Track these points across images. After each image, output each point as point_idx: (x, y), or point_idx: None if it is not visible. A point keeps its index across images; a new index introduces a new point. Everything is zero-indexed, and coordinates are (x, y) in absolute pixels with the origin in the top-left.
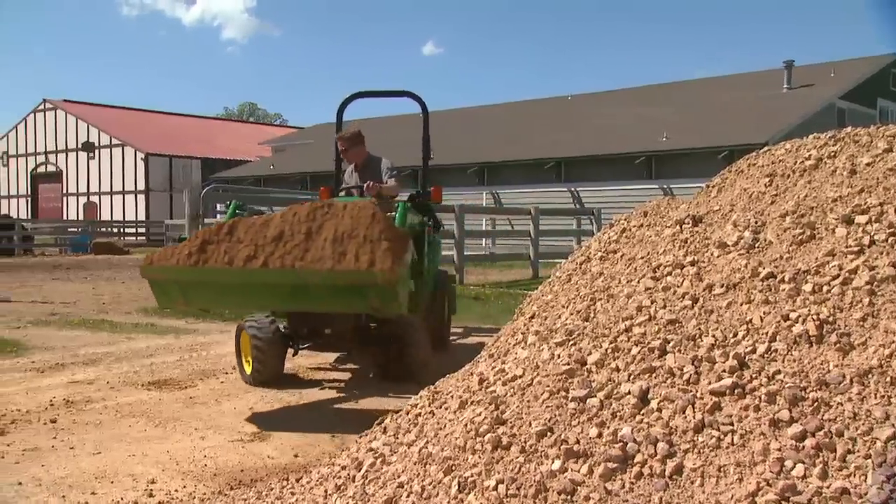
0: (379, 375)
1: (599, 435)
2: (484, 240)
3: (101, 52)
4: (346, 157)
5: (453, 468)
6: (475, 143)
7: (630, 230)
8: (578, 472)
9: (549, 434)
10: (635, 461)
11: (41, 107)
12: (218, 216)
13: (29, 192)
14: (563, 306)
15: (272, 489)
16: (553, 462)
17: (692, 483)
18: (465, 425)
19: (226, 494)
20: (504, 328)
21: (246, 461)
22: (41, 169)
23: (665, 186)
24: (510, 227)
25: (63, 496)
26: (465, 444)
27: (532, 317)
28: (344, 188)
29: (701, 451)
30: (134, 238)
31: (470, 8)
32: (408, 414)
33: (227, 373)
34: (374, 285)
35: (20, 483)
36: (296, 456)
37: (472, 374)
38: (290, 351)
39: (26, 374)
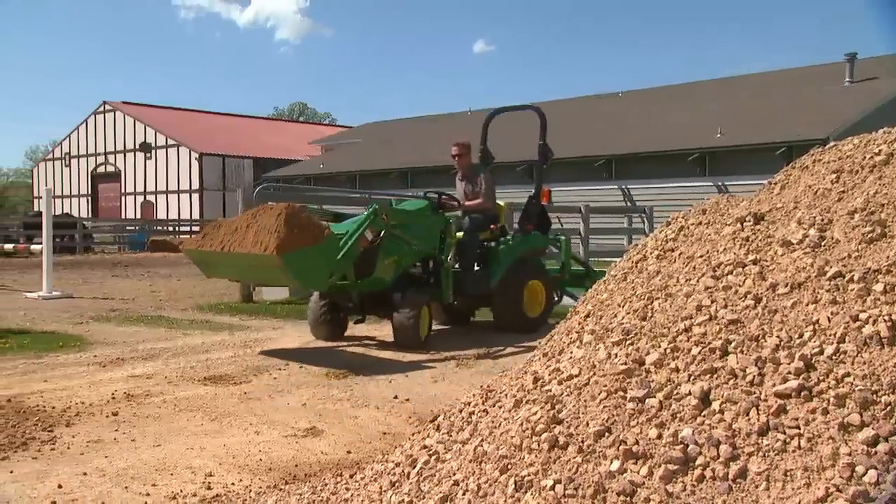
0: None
1: (659, 436)
2: None
3: (160, 55)
4: (457, 163)
5: (509, 467)
6: (524, 141)
7: (688, 228)
8: (638, 473)
9: (607, 434)
10: (697, 464)
11: (101, 109)
12: None
13: (89, 192)
14: (619, 305)
15: (326, 485)
16: (611, 463)
17: (757, 487)
18: (521, 424)
19: (281, 489)
20: (557, 327)
21: (300, 456)
22: (101, 169)
23: (720, 184)
24: (560, 225)
25: (126, 487)
26: (521, 443)
27: (587, 315)
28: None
29: (766, 454)
30: (189, 236)
31: (520, 6)
32: (461, 412)
33: (279, 369)
34: (272, 263)
35: (85, 473)
36: (348, 452)
37: (525, 372)
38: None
39: (89, 368)
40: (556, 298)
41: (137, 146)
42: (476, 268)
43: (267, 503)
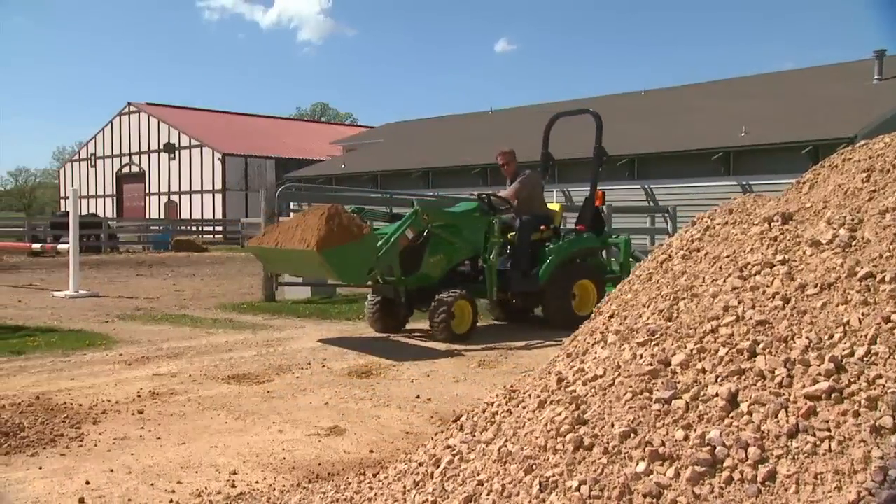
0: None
1: (686, 438)
2: None
3: (184, 56)
4: (504, 171)
5: (534, 467)
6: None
7: (714, 228)
8: (664, 475)
9: (632, 435)
10: (724, 466)
11: (126, 110)
12: (291, 214)
13: (114, 192)
14: (644, 305)
15: (350, 483)
16: (637, 464)
17: (786, 490)
18: (546, 425)
19: (304, 487)
20: (581, 327)
21: (322, 455)
22: (125, 169)
23: (744, 183)
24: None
25: (151, 484)
26: (546, 444)
27: (611, 316)
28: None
29: (795, 457)
30: (212, 236)
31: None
32: (484, 412)
33: (302, 368)
34: (314, 258)
35: (112, 470)
36: (371, 451)
37: (549, 372)
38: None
39: (115, 366)
40: None
41: (161, 147)
42: (526, 267)
43: (291, 502)
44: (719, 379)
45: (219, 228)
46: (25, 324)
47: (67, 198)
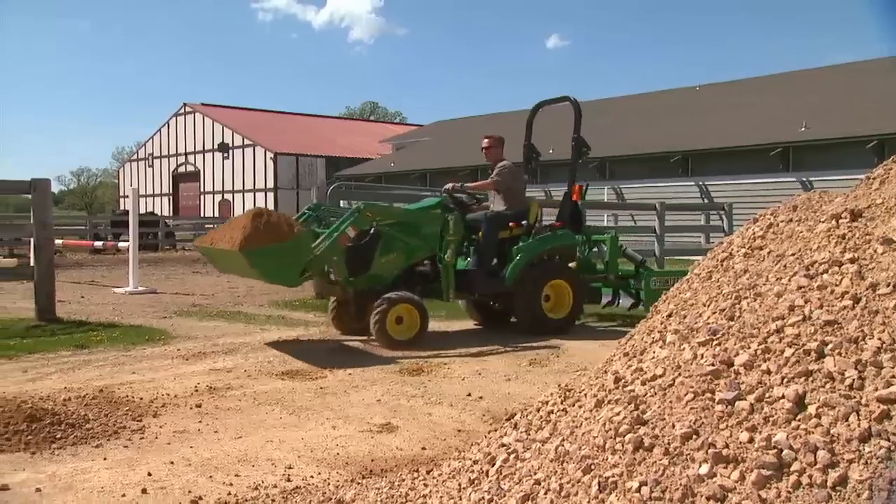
0: None
1: (751, 440)
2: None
3: (238, 56)
4: (486, 156)
5: (592, 467)
6: (596, 137)
7: (777, 225)
8: (729, 477)
9: (694, 437)
10: (792, 469)
11: (181, 111)
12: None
13: (171, 191)
14: (704, 304)
15: (403, 480)
16: (700, 466)
17: (859, 496)
18: (604, 424)
19: (359, 483)
20: (638, 326)
21: (375, 451)
22: (181, 169)
23: (804, 179)
24: (633, 223)
25: (210, 477)
26: (605, 444)
27: (669, 315)
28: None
29: (868, 461)
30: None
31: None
32: (538, 411)
33: (354, 365)
34: (239, 257)
35: (172, 463)
36: (423, 449)
37: (605, 372)
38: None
39: (173, 361)
40: (617, 300)
41: (215, 146)
42: (492, 267)
43: (345, 497)
44: (785, 380)
45: None
46: (88, 319)
47: (127, 197)
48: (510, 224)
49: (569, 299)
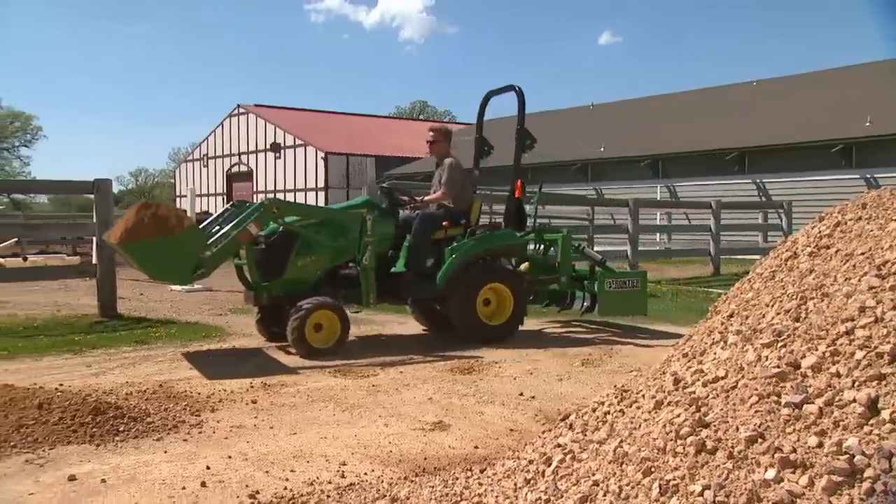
0: None
1: (820, 445)
2: (658, 235)
3: (291, 57)
4: (430, 150)
5: (652, 470)
6: (649, 135)
7: (845, 224)
8: (797, 483)
9: (759, 441)
10: (865, 476)
11: (235, 111)
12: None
13: (224, 190)
14: (768, 305)
15: (457, 479)
16: (766, 471)
17: None
18: (664, 426)
19: (412, 481)
20: (697, 326)
21: (428, 449)
22: (235, 169)
23: (868, 176)
24: (687, 222)
25: (266, 472)
26: (665, 446)
27: (730, 315)
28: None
29: None
30: None
31: None
32: (594, 411)
33: (405, 363)
34: (123, 252)
35: (230, 457)
36: (476, 447)
37: (664, 373)
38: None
39: (229, 357)
40: (574, 301)
41: (268, 146)
42: (422, 270)
43: (400, 494)
44: (856, 384)
45: None
46: (147, 315)
47: (184, 196)
48: (444, 223)
49: (510, 303)
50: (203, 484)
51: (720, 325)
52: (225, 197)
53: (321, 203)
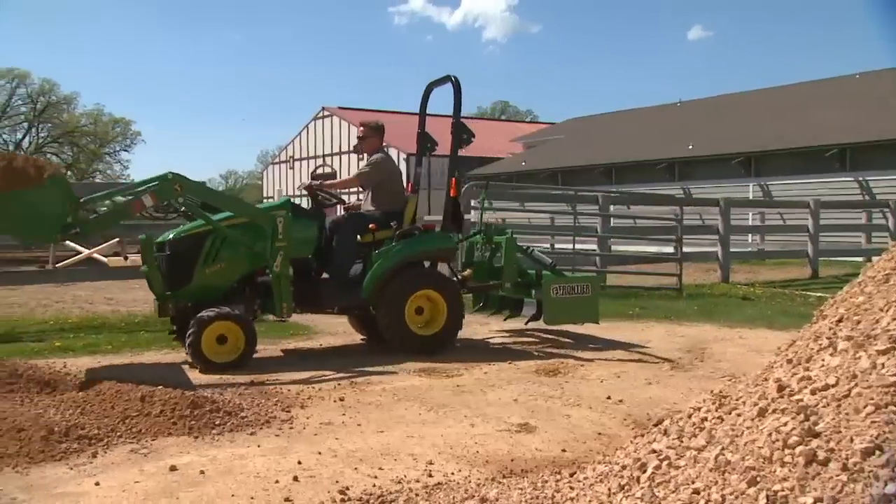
0: None
1: None
2: (750, 235)
3: (375, 59)
4: (362, 147)
5: (758, 479)
6: (741, 132)
7: None
8: None
9: (877, 453)
10: None
11: (320, 114)
12: (472, 211)
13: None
14: (882, 310)
15: (546, 481)
16: (886, 485)
17: None
18: (770, 435)
19: (500, 482)
20: (801, 332)
21: (515, 451)
22: (319, 170)
23: None
24: (782, 222)
25: (355, 468)
26: (772, 456)
27: (839, 320)
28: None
29: None
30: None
31: None
32: (690, 417)
33: (489, 363)
34: None
35: (320, 453)
36: (563, 451)
37: (766, 379)
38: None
39: (317, 355)
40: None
41: (351, 148)
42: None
43: (488, 495)
44: None
45: None
46: None
47: (271, 198)
48: (370, 226)
49: (443, 312)
50: (295, 478)
51: (828, 330)
52: (309, 199)
53: None
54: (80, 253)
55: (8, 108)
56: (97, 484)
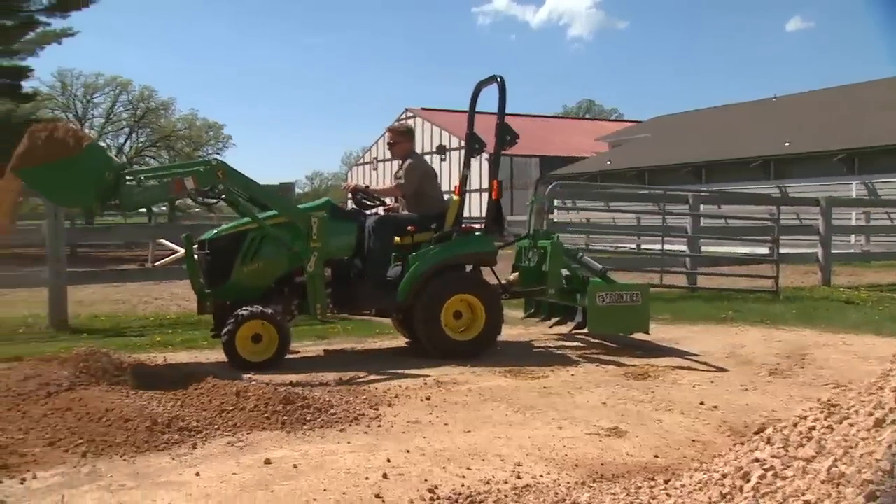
0: None
1: None
2: (853, 236)
3: (459, 59)
4: (392, 152)
5: (878, 494)
6: (843, 128)
7: None
8: None
9: None
10: None
11: (404, 115)
12: (555, 211)
13: None
14: None
15: (640, 488)
16: None
17: None
18: (889, 447)
19: (591, 487)
20: None
21: (604, 455)
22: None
23: None
24: (889, 222)
25: (443, 468)
26: (892, 469)
27: None
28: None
29: None
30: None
31: None
32: (796, 426)
33: (576, 365)
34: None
35: (408, 451)
36: (655, 457)
37: (882, 388)
38: None
39: (402, 354)
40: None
41: (434, 149)
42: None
43: (580, 499)
44: None
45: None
46: None
47: None
48: (409, 228)
49: (482, 317)
50: (384, 476)
51: None
52: (393, 199)
53: (485, 204)
54: (175, 252)
55: (112, 115)
56: (197, 474)
